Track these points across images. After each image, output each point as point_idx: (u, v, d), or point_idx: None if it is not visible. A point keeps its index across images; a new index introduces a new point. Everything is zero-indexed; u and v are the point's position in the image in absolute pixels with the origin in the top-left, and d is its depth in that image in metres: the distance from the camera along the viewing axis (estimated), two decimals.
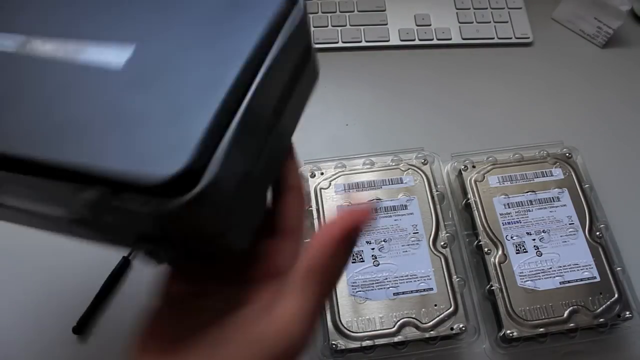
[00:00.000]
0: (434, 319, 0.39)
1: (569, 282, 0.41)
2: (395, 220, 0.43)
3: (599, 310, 0.40)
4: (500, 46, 0.58)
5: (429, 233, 0.42)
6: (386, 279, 0.41)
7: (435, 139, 0.50)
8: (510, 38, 0.58)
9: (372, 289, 0.40)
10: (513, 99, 0.55)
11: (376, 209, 0.37)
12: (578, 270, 0.41)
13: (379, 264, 0.41)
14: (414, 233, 0.42)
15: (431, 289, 0.40)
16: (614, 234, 0.44)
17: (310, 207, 0.44)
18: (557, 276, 0.41)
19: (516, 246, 0.42)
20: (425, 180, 0.45)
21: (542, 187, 0.45)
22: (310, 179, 0.45)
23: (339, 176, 0.45)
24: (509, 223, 0.43)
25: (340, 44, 0.57)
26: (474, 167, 0.46)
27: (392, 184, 0.45)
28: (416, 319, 0.39)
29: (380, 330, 0.39)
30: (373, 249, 0.42)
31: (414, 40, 0.58)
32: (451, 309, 0.39)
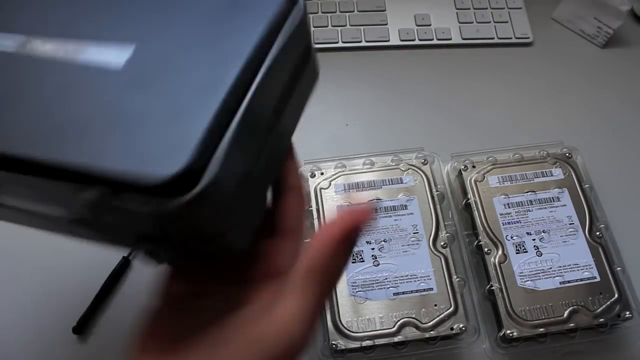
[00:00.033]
0: (434, 319, 0.39)
1: (569, 282, 0.41)
2: (395, 220, 0.43)
3: (599, 310, 0.40)
4: (500, 46, 0.58)
5: (429, 233, 0.42)
6: (386, 279, 0.41)
7: (435, 139, 0.50)
8: (510, 38, 0.58)
9: (372, 289, 0.40)
10: (513, 99, 0.55)
11: (376, 209, 0.37)
12: (578, 270, 0.41)
13: (379, 264, 0.41)
14: (414, 233, 0.42)
15: (431, 289, 0.40)
16: (614, 234, 0.44)
17: (310, 207, 0.44)
18: (557, 276, 0.41)
19: (516, 246, 0.42)
20: (425, 180, 0.45)
21: (542, 187, 0.45)
22: (310, 179, 0.45)
23: (339, 176, 0.45)
24: (509, 223, 0.43)
25: (340, 44, 0.57)
26: (474, 167, 0.46)
27: (392, 184, 0.45)
28: (416, 319, 0.39)
29: (380, 330, 0.39)
30: (373, 249, 0.42)
31: (414, 40, 0.58)
32: (451, 309, 0.39)
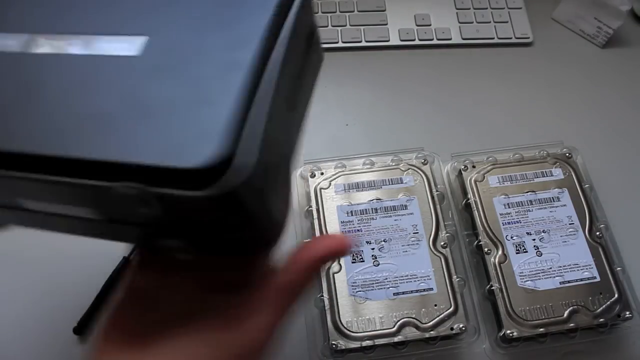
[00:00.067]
0: (434, 319, 0.39)
1: (569, 282, 0.41)
2: (395, 220, 0.43)
3: (599, 310, 0.40)
4: (500, 46, 0.58)
5: (429, 233, 0.42)
6: (386, 279, 0.41)
7: (435, 139, 0.50)
8: (510, 38, 0.58)
9: (372, 289, 0.40)
10: (513, 98, 0.55)
11: (353, 243, 0.40)
12: (578, 270, 0.41)
13: (379, 264, 0.41)
14: (414, 233, 0.42)
15: (431, 289, 0.40)
16: (614, 234, 0.44)
17: (310, 207, 0.44)
18: (557, 276, 0.41)
19: (516, 246, 0.42)
20: (425, 180, 0.45)
21: (542, 187, 0.45)
22: (310, 179, 0.45)
23: (339, 176, 0.45)
24: (509, 223, 0.43)
25: (340, 44, 0.57)
26: (474, 167, 0.46)
27: (392, 184, 0.45)
28: (416, 319, 0.39)
29: (380, 330, 0.39)
30: (373, 249, 0.42)
31: (414, 40, 0.58)
32: (451, 309, 0.39)
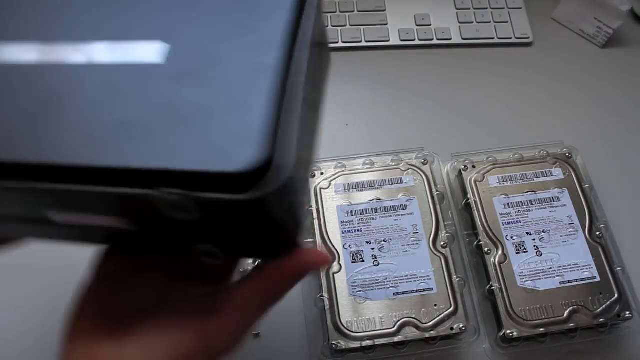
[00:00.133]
0: (434, 319, 0.39)
1: (569, 282, 0.41)
2: (395, 220, 0.43)
3: (599, 310, 0.40)
4: (500, 46, 0.58)
5: (429, 233, 0.42)
6: (386, 279, 0.41)
7: (435, 139, 0.50)
8: (510, 38, 0.58)
9: (372, 289, 0.40)
10: (513, 98, 0.55)
11: (331, 260, 0.41)
12: (578, 270, 0.41)
13: (379, 264, 0.41)
14: (414, 233, 0.42)
15: (431, 289, 0.40)
16: (614, 234, 0.44)
17: (310, 207, 0.44)
18: (557, 276, 0.41)
19: (516, 246, 0.42)
20: (425, 180, 0.45)
21: (542, 187, 0.45)
22: (310, 179, 0.45)
23: (339, 176, 0.45)
24: (509, 223, 0.43)
25: (340, 44, 0.57)
26: (474, 167, 0.46)
27: (392, 184, 0.45)
28: (416, 319, 0.39)
29: (380, 330, 0.39)
30: (373, 249, 0.42)
31: (414, 40, 0.58)
32: (451, 309, 0.39)
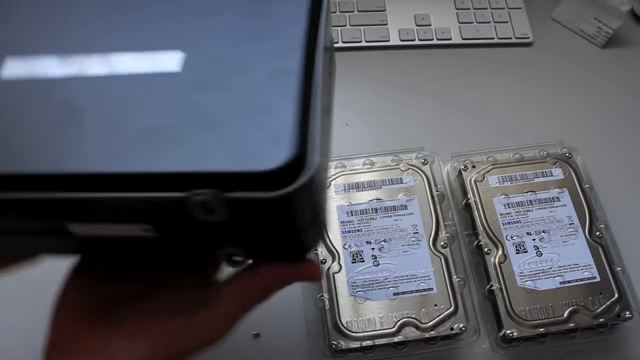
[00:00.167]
0: (434, 319, 0.39)
1: (569, 282, 0.41)
2: (395, 220, 0.43)
3: (599, 310, 0.40)
4: (500, 46, 0.58)
5: (429, 233, 0.42)
6: (386, 279, 0.41)
7: (435, 139, 0.50)
8: (510, 38, 0.58)
9: (372, 289, 0.40)
10: (513, 98, 0.55)
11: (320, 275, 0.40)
12: (578, 270, 0.41)
13: (379, 264, 0.41)
14: (414, 233, 0.42)
15: (431, 289, 0.40)
16: (614, 234, 0.44)
17: None
18: (557, 276, 0.41)
19: (516, 246, 0.42)
20: (425, 180, 0.45)
21: (542, 187, 0.45)
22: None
23: (339, 176, 0.45)
24: (509, 223, 0.43)
25: (340, 44, 0.57)
26: (474, 167, 0.46)
27: (392, 184, 0.45)
28: (416, 319, 0.39)
29: (380, 330, 0.39)
30: (373, 249, 0.42)
31: (414, 40, 0.58)
32: (451, 309, 0.39)
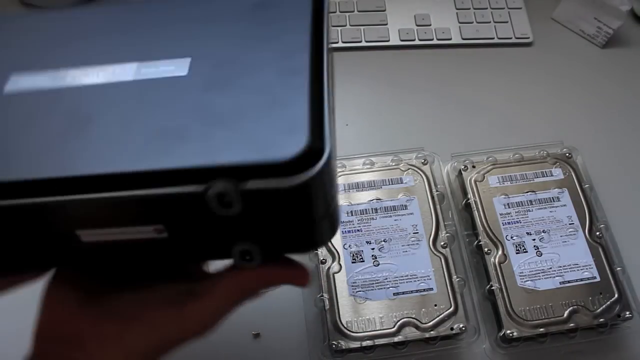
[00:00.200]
0: (434, 319, 0.39)
1: (569, 282, 0.41)
2: (395, 220, 0.43)
3: (599, 310, 0.40)
4: (500, 46, 0.58)
5: (429, 233, 0.42)
6: (386, 279, 0.41)
7: (435, 139, 0.50)
8: (510, 38, 0.58)
9: (372, 289, 0.40)
10: (513, 98, 0.55)
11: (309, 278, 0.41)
12: (578, 270, 0.41)
13: (379, 264, 0.41)
14: (414, 233, 0.42)
15: (431, 289, 0.40)
16: (614, 234, 0.44)
17: None
18: (557, 276, 0.41)
19: (516, 246, 0.42)
20: (425, 180, 0.45)
21: (542, 187, 0.45)
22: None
23: (339, 176, 0.45)
24: (509, 223, 0.43)
25: (340, 44, 0.57)
26: (474, 167, 0.46)
27: (392, 184, 0.45)
28: (416, 319, 0.39)
29: (380, 330, 0.39)
30: (373, 249, 0.42)
31: (414, 40, 0.58)
32: (451, 309, 0.39)
